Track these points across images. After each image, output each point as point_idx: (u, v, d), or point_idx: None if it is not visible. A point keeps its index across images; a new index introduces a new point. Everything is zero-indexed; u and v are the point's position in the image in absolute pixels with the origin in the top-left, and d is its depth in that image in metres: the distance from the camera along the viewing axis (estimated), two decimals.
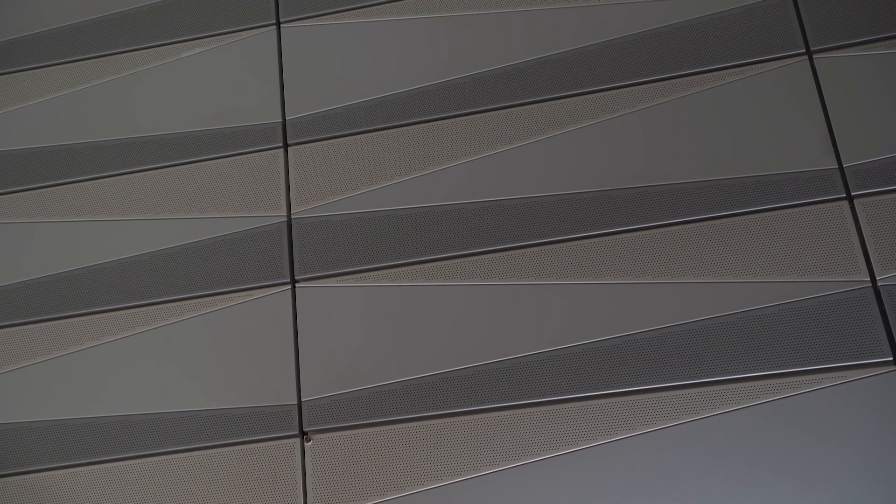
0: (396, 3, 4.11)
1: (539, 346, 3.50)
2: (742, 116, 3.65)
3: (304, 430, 3.58)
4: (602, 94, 3.80)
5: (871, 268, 3.36)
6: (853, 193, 3.46)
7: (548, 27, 3.93)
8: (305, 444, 3.56)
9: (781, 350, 3.33)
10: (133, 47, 4.27)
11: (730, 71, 3.72)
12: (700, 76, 3.74)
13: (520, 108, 3.85)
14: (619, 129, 3.73)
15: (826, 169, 3.51)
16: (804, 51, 3.68)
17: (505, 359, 3.50)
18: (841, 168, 3.50)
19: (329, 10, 4.16)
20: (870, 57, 3.61)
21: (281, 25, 4.19)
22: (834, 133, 3.55)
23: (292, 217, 3.86)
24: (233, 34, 4.21)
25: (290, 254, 3.81)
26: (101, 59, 4.28)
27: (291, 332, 3.70)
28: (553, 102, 3.83)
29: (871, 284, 3.35)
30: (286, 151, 3.98)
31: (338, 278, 3.75)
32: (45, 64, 4.33)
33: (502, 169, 3.76)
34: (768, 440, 3.26)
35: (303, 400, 3.60)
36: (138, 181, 4.03)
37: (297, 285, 3.76)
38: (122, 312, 3.84)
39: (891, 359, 3.27)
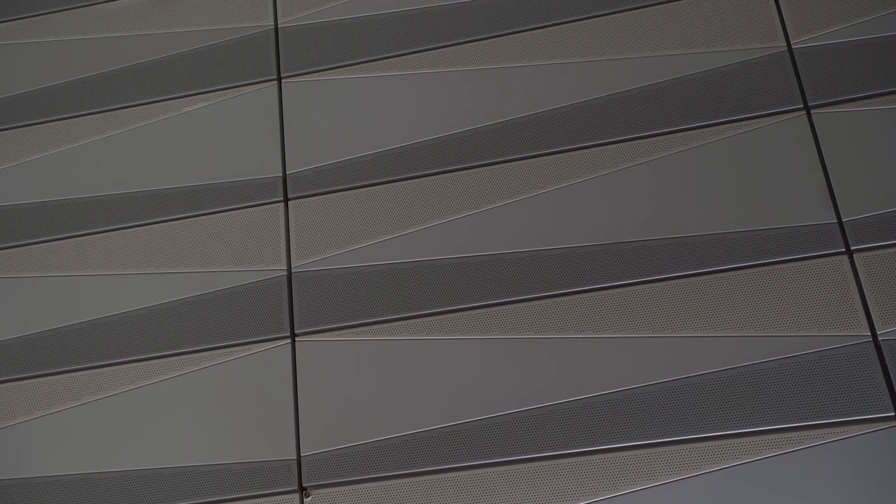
0: (396, 59, 4.14)
1: (540, 400, 3.48)
2: (741, 171, 3.66)
3: (304, 485, 3.56)
4: (601, 148, 3.81)
5: (872, 322, 3.36)
6: (853, 248, 3.47)
7: (547, 82, 3.96)
8: (305, 499, 3.54)
9: (783, 405, 3.31)
10: (136, 102, 4.29)
11: (728, 126, 3.74)
12: (699, 131, 3.76)
13: (520, 161, 3.86)
14: (618, 183, 3.74)
15: (825, 223, 3.52)
16: (802, 106, 3.70)
17: (505, 413, 3.48)
18: (840, 222, 3.50)
19: (329, 66, 4.19)
20: (868, 112, 3.63)
21: (282, 81, 4.21)
22: (833, 187, 3.56)
23: (292, 271, 3.86)
24: (235, 89, 4.24)
25: (290, 308, 3.80)
26: (103, 114, 4.30)
27: (291, 386, 3.68)
28: (553, 157, 3.84)
29: (871, 339, 3.34)
30: (286, 205, 3.99)
31: (338, 332, 3.74)
32: (45, 120, 4.35)
33: (503, 223, 3.77)
34: (771, 495, 3.24)
35: (302, 455, 3.58)
36: (139, 235, 4.04)
37: (296, 339, 3.76)
38: (122, 367, 3.83)
39: (892, 414, 3.25)
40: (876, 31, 3.72)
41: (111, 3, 4.54)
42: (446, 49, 4.11)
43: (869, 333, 3.35)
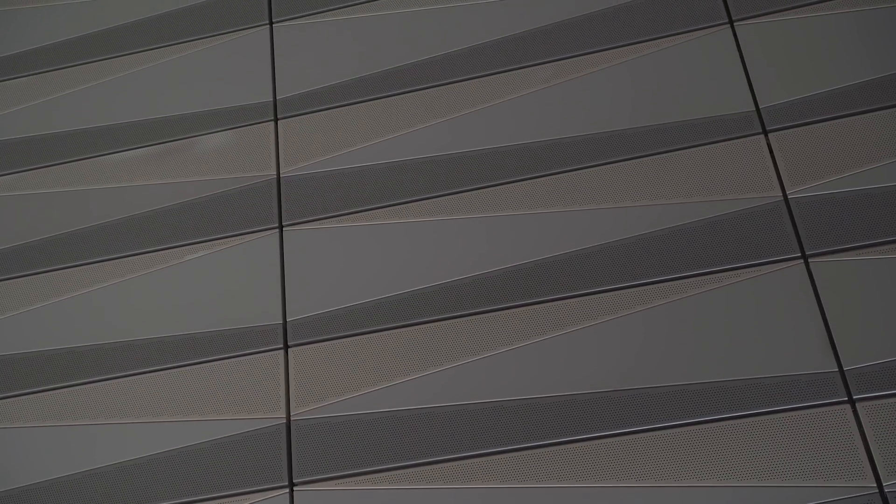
0: (394, 208, 4.18)
1: None
2: (740, 318, 3.67)
3: None
4: (601, 295, 3.82)
5: (877, 473, 3.32)
6: (855, 397, 3.45)
7: (544, 230, 3.99)
8: None
9: None
10: (138, 251, 4.32)
11: (727, 273, 3.76)
12: (698, 279, 3.78)
13: (519, 309, 3.87)
14: (618, 330, 3.74)
15: (826, 372, 3.51)
16: (799, 255, 3.73)
17: None
18: (841, 371, 3.50)
19: (332, 214, 4.24)
20: (866, 261, 3.65)
21: (283, 228, 4.25)
22: (833, 336, 3.56)
23: (291, 419, 3.84)
24: (237, 237, 4.27)
25: (288, 456, 3.77)
26: (102, 263, 4.33)
27: None
28: (552, 304, 3.85)
29: (877, 490, 3.30)
30: (286, 353, 3.99)
31: (337, 481, 3.70)
32: (46, 269, 4.38)
33: (503, 370, 3.76)
34: None
35: None
36: (138, 384, 4.02)
37: (294, 489, 3.71)
38: None
39: None
40: (871, 182, 3.77)
41: (111, 155, 4.60)
42: (443, 198, 4.15)
43: (875, 485, 3.31)
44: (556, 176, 4.09)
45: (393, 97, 4.43)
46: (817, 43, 4.10)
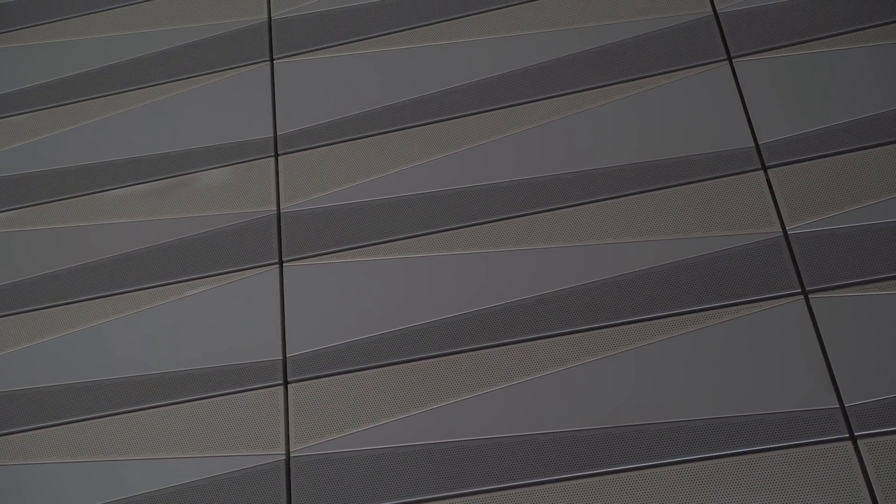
0: (398, 243, 4.18)
1: None
2: (740, 354, 3.66)
3: None
4: (600, 331, 3.82)
5: None
6: (857, 434, 3.44)
7: (544, 266, 3.99)
8: None
9: None
10: (138, 287, 4.32)
11: (727, 309, 3.76)
12: (698, 314, 3.77)
13: (519, 344, 3.87)
14: (617, 366, 3.74)
15: (827, 408, 3.50)
16: (800, 290, 3.73)
17: None
18: (843, 407, 3.49)
19: (332, 250, 4.24)
20: (866, 297, 3.65)
21: (284, 264, 4.25)
22: (833, 372, 3.55)
23: (291, 456, 3.83)
24: (237, 273, 4.27)
25: (287, 493, 3.75)
26: (103, 299, 4.33)
27: None
28: (552, 339, 3.85)
29: None
30: (286, 389, 3.98)
31: None
32: (46, 305, 4.38)
33: (503, 406, 3.75)
34: None
35: None
36: (137, 420, 4.02)
37: None
38: None
39: None
40: (870, 218, 3.77)
41: (111, 191, 4.61)
42: (442, 234, 4.15)
43: None
44: (556, 211, 4.09)
45: (393, 133, 4.45)
46: (816, 79, 4.12)
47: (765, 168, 4.00)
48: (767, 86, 4.15)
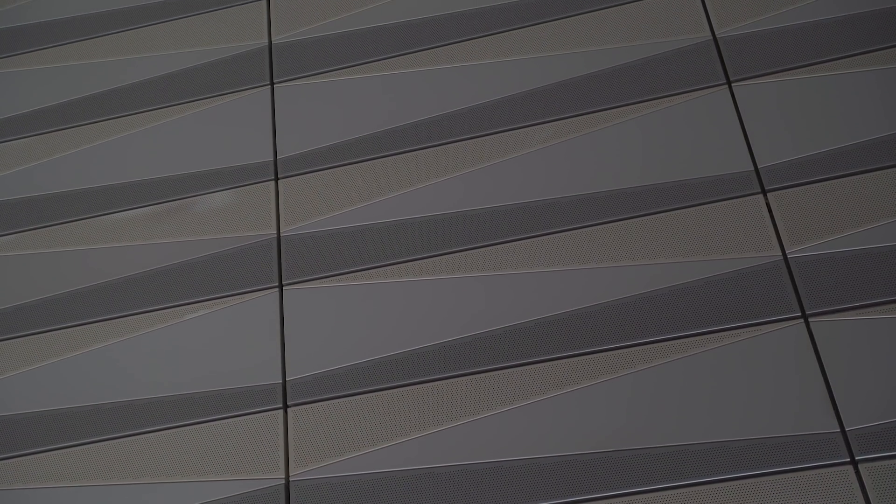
0: (398, 266, 4.18)
1: None
2: (740, 378, 3.65)
3: None
4: (601, 355, 3.82)
5: None
6: (858, 458, 3.43)
7: (544, 289, 3.99)
8: None
9: None
10: (138, 310, 4.32)
11: (727, 333, 3.76)
12: (697, 338, 3.77)
13: (519, 368, 3.86)
14: (617, 390, 3.73)
15: (828, 432, 3.49)
16: (800, 314, 3.73)
17: None
18: (843, 432, 3.48)
19: (332, 273, 4.24)
20: (867, 321, 3.65)
21: (284, 288, 4.25)
22: (834, 396, 3.54)
23: (291, 480, 3.82)
24: (237, 296, 4.27)
25: None
26: (102, 322, 4.32)
27: None
28: (552, 363, 3.84)
29: None
30: (286, 412, 3.97)
31: None
32: (48, 329, 4.38)
33: (503, 429, 3.74)
34: None
35: None
36: (136, 444, 4.00)
37: None
38: None
39: None
40: (870, 242, 3.78)
41: (111, 214, 4.62)
42: (443, 257, 4.16)
43: None
44: (556, 235, 4.10)
45: (393, 156, 4.45)
46: (815, 103, 4.13)
47: (764, 192, 4.00)
48: (767, 110, 4.16)
